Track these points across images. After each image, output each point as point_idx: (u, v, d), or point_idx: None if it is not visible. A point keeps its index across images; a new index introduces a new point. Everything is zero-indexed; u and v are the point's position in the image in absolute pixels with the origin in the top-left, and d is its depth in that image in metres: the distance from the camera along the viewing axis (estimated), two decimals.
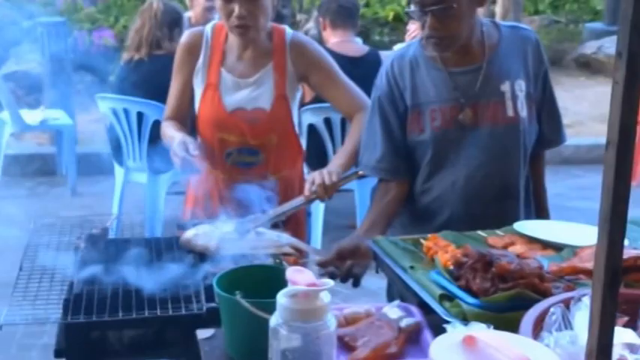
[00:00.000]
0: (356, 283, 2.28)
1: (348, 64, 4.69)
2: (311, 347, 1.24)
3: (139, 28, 4.79)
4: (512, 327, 1.43)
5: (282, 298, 1.25)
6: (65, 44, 6.47)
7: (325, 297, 1.25)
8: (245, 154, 2.53)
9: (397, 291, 2.01)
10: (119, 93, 4.79)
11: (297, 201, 2.29)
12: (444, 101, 2.31)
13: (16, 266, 2.28)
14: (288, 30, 2.59)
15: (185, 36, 2.71)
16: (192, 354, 1.80)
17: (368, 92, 4.51)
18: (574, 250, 1.88)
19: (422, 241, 2.05)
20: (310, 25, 7.00)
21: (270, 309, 1.34)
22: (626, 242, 1.98)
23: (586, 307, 1.45)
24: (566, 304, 1.47)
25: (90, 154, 5.94)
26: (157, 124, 4.48)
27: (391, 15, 11.68)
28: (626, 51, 1.05)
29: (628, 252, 1.69)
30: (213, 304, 1.87)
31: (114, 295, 2.11)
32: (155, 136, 4.48)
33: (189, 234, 2.24)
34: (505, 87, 2.29)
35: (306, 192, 2.24)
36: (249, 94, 2.54)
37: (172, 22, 4.76)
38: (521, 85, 2.30)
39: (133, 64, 4.76)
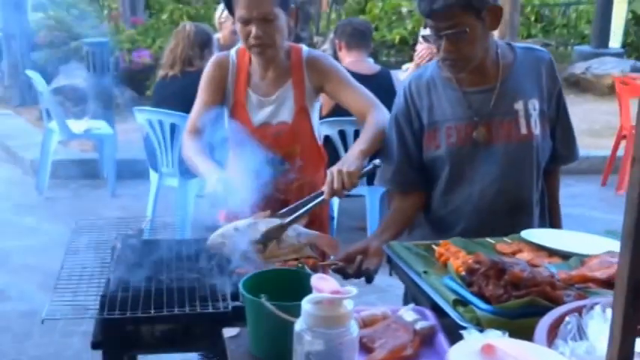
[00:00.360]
0: (369, 280, 2.19)
1: (362, 81, 4.60)
2: (334, 352, 1.15)
3: (173, 47, 4.79)
4: (525, 333, 1.33)
5: (306, 304, 1.16)
6: (107, 62, 6.47)
7: (348, 304, 1.16)
8: (271, 164, 2.42)
9: (411, 294, 1.91)
10: (155, 106, 4.78)
11: (318, 199, 2.17)
12: (458, 119, 2.21)
13: (60, 261, 2.21)
14: (304, 48, 2.54)
15: (214, 57, 2.64)
16: (218, 348, 1.74)
17: (379, 95, 4.52)
18: (581, 259, 1.79)
19: (434, 247, 1.96)
20: (326, 46, 6.96)
21: (294, 312, 1.27)
22: None
23: (599, 315, 1.35)
24: (579, 312, 1.37)
25: (128, 160, 5.93)
26: None
27: (397, 38, 11.65)
28: None
29: None
30: (238, 303, 1.80)
31: (147, 292, 2.04)
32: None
33: (214, 240, 2.14)
34: (519, 105, 2.18)
35: (327, 195, 2.12)
36: (272, 110, 2.49)
37: (203, 43, 4.76)
38: (534, 104, 2.18)
39: (168, 80, 4.75)
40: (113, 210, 5.68)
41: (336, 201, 4.63)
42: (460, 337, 1.43)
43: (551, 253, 1.90)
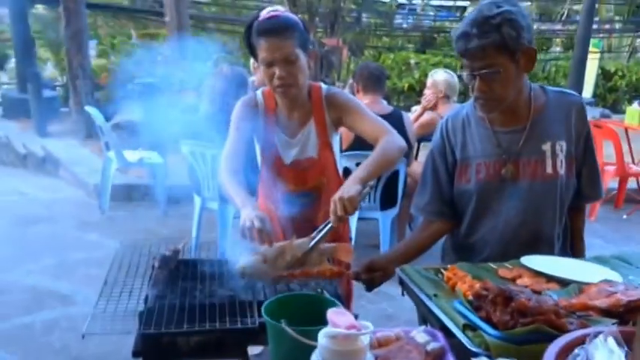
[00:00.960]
0: (369, 289, 2.07)
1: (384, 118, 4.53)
2: None
3: (212, 85, 4.68)
4: (531, 357, 1.21)
5: (322, 338, 1.01)
6: (158, 100, 6.46)
7: (364, 339, 1.01)
8: (302, 197, 2.31)
9: (421, 314, 1.76)
10: (196, 138, 4.67)
11: (327, 227, 2.02)
12: (488, 156, 2.04)
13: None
14: (323, 86, 2.37)
15: (243, 97, 2.47)
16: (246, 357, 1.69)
17: None
18: (580, 286, 1.63)
19: (442, 271, 1.81)
20: (346, 90, 6.91)
21: (313, 336, 1.13)
22: (619, 278, 1.75)
23: (602, 344, 1.20)
24: (583, 340, 1.22)
25: (177, 185, 5.82)
26: None
27: (406, 85, 11.65)
28: None
29: (634, 292, 1.43)
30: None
31: (181, 308, 1.91)
32: None
33: (244, 270, 1.95)
34: (546, 147, 2.00)
35: (333, 223, 1.91)
36: (300, 149, 2.34)
37: (239, 83, 4.65)
38: (562, 146, 2.00)
39: (207, 116, 4.64)
40: (164, 228, 5.63)
41: (354, 224, 4.51)
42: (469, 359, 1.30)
43: (549, 279, 1.74)
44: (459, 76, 2.24)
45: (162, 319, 1.86)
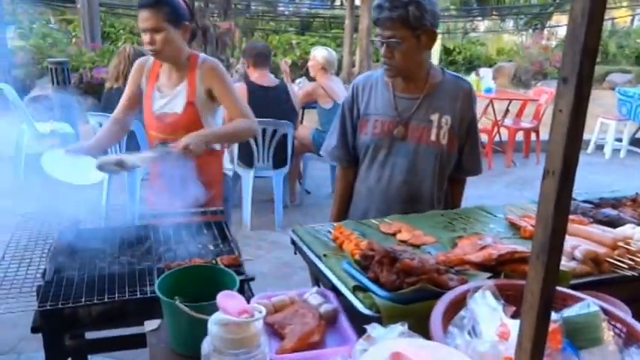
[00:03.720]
0: None
1: (266, 91, 4.26)
2: None
3: (116, 64, 4.23)
4: (419, 318, 1.02)
5: (212, 326, 0.76)
6: (68, 77, 5.80)
7: (258, 324, 0.76)
8: (161, 145, 2.21)
9: (312, 274, 1.54)
10: (102, 111, 4.20)
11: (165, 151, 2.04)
12: (385, 115, 1.93)
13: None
14: (200, 55, 2.26)
15: (136, 62, 2.39)
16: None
17: (278, 109, 4.17)
18: (453, 239, 1.46)
19: (330, 230, 1.59)
20: (239, 65, 6.53)
21: (208, 311, 0.88)
22: (480, 230, 1.62)
23: (481, 298, 1.03)
24: (464, 296, 1.04)
25: None
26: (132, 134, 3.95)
27: (290, 61, 11.43)
28: (575, 75, 0.61)
29: (503, 246, 1.27)
30: None
31: (80, 281, 1.57)
32: (132, 140, 4.01)
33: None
34: (434, 117, 1.90)
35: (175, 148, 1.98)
36: (167, 102, 2.23)
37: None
38: (447, 120, 1.90)
39: (113, 91, 4.19)
40: (77, 195, 5.01)
41: (250, 182, 4.24)
42: (361, 317, 1.10)
43: (425, 233, 1.57)
44: (372, 41, 2.08)
45: (60, 294, 1.52)
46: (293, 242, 1.62)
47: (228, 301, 0.78)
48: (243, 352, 0.74)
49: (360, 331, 1.02)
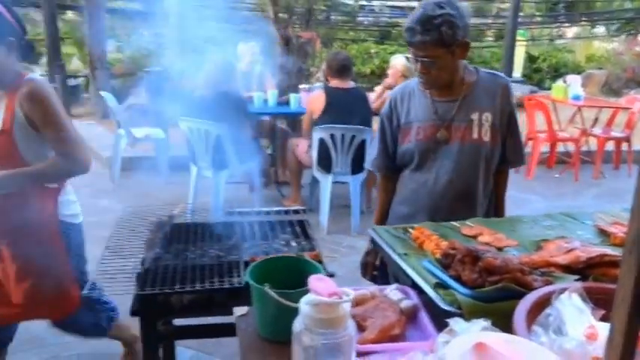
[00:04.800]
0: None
1: (343, 93, 4.32)
2: (332, 351, 0.79)
3: (207, 73, 4.41)
4: (501, 316, 1.01)
5: (304, 306, 0.80)
6: (162, 86, 6.18)
7: (346, 306, 0.80)
8: None
9: (392, 273, 1.56)
10: (194, 117, 4.39)
11: None
12: (426, 121, 1.95)
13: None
14: (29, 75, 1.94)
15: None
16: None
17: (357, 113, 4.21)
18: (538, 243, 1.43)
19: (410, 230, 1.60)
20: (319, 74, 6.65)
21: (294, 298, 0.92)
22: (568, 235, 1.56)
23: (568, 300, 1.00)
24: (549, 297, 1.02)
25: (177, 156, 5.53)
26: (218, 138, 4.17)
27: (368, 71, 11.65)
28: None
29: (592, 250, 1.23)
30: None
31: (173, 270, 1.68)
32: (217, 144, 4.21)
33: None
34: (475, 116, 1.90)
35: None
36: None
37: (227, 71, 4.48)
38: (488, 117, 1.91)
39: (203, 96, 4.38)
40: (166, 194, 5.32)
41: (329, 187, 4.30)
42: (440, 315, 1.10)
43: (508, 236, 1.54)
44: (407, 57, 2.11)
45: (157, 280, 1.64)
46: (372, 241, 1.65)
47: (319, 283, 0.82)
48: (331, 332, 0.78)
49: (440, 329, 1.03)
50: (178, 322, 2.04)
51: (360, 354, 1.04)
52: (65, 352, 2.71)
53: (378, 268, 2.04)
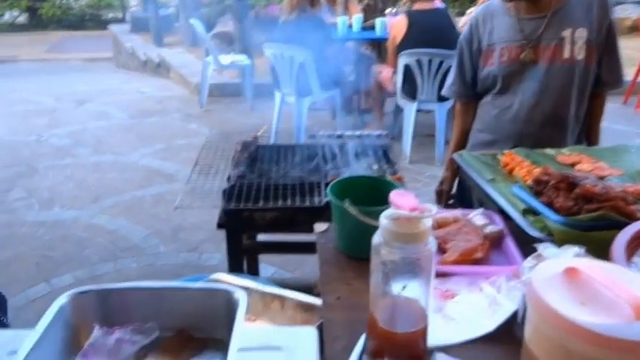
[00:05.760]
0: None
1: (425, 15, 4.05)
2: (411, 266, 0.77)
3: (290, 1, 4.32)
4: (596, 246, 0.92)
5: (384, 219, 0.78)
6: (247, 14, 6.19)
7: (427, 222, 0.76)
8: None
9: (477, 199, 1.49)
10: (279, 42, 4.34)
11: None
12: (511, 41, 1.78)
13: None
14: None
15: None
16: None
17: (441, 35, 3.96)
18: None
19: (499, 156, 1.51)
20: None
21: (374, 215, 0.89)
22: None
23: None
24: None
25: (262, 83, 5.59)
26: (301, 64, 4.13)
27: None
28: None
29: None
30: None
31: (257, 189, 1.72)
32: (301, 71, 4.17)
33: None
34: (566, 33, 1.71)
35: None
36: None
37: None
38: (582, 33, 1.71)
39: (287, 23, 4.31)
40: (250, 119, 5.44)
41: (412, 115, 4.17)
42: (528, 243, 1.03)
43: (610, 165, 1.41)
44: None
45: (242, 196, 1.69)
46: (458, 167, 1.58)
47: (401, 198, 0.79)
48: (410, 247, 0.76)
49: (527, 257, 0.97)
50: (262, 237, 2.12)
51: (439, 275, 1.02)
52: (159, 261, 2.94)
53: (454, 197, 1.97)
